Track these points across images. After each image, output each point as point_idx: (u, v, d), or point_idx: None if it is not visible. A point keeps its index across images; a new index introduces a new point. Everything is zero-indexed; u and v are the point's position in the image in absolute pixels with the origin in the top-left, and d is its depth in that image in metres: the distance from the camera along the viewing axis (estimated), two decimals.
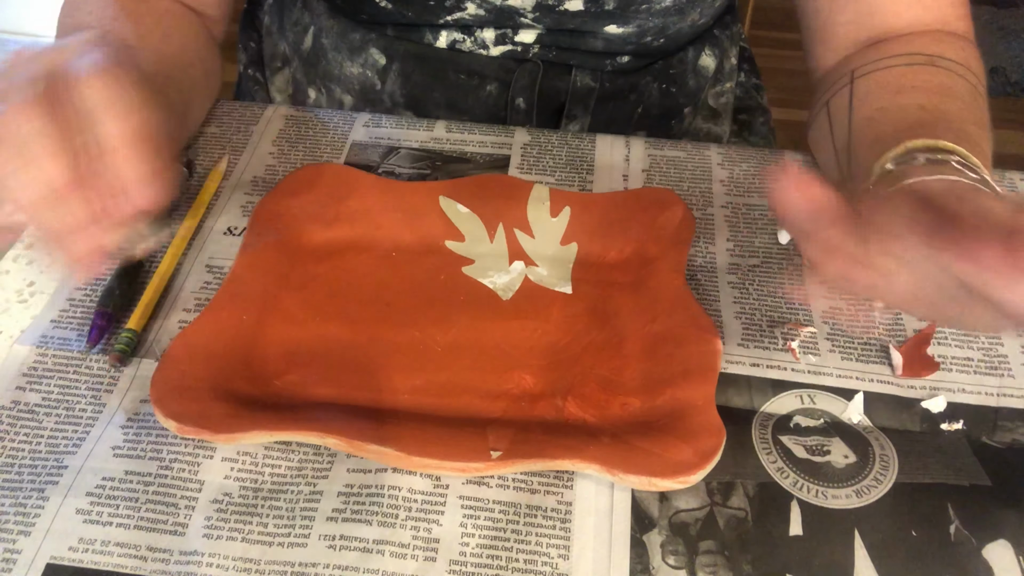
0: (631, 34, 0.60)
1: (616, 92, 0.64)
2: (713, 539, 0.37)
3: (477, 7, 0.58)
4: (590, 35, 0.60)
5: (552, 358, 0.43)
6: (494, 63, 0.62)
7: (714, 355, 0.41)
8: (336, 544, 0.36)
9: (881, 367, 0.44)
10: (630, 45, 0.61)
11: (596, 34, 0.60)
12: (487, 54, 0.61)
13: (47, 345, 0.44)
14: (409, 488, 0.38)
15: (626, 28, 0.59)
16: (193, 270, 0.48)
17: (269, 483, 0.38)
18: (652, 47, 0.62)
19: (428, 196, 0.50)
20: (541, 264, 0.49)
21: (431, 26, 0.60)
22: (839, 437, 0.41)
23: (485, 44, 0.61)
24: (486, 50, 0.61)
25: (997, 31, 2.20)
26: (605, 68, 0.63)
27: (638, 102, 0.66)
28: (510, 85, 0.62)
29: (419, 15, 0.59)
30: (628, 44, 0.61)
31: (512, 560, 0.36)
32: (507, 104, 0.63)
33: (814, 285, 0.34)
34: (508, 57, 0.62)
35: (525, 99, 0.63)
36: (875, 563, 0.36)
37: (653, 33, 0.60)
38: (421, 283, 0.47)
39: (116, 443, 0.39)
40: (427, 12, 0.59)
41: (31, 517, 0.37)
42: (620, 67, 0.63)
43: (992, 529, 0.37)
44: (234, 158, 0.55)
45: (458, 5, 0.58)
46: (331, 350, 0.43)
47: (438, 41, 0.61)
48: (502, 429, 0.39)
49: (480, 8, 0.58)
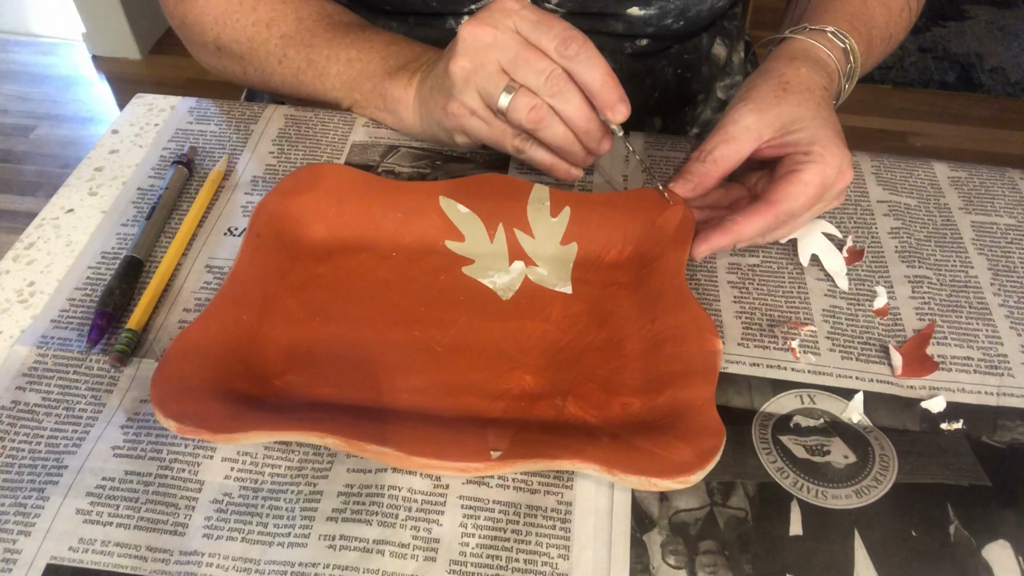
0: (652, 16, 0.61)
1: (633, 76, 0.65)
2: (713, 539, 0.37)
3: None
4: (612, 17, 0.61)
5: (552, 358, 0.43)
6: None
7: (714, 355, 0.41)
8: (336, 544, 0.36)
9: (881, 367, 0.44)
10: (650, 27, 0.62)
11: (619, 16, 0.61)
12: None
13: (47, 345, 0.44)
14: (409, 488, 0.38)
15: (648, 10, 0.60)
16: (193, 270, 0.48)
17: (269, 483, 0.38)
18: (672, 30, 0.63)
19: (428, 196, 0.50)
20: (541, 264, 0.49)
21: (455, 14, 0.60)
22: (839, 437, 0.41)
23: None
24: None
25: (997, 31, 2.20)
26: (624, 51, 0.63)
27: (654, 87, 0.66)
28: None
29: (444, 3, 0.60)
30: (649, 26, 0.62)
31: (512, 560, 0.36)
32: None
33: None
34: None
35: None
36: (875, 563, 0.36)
37: (674, 15, 0.61)
38: (421, 283, 0.47)
39: (116, 443, 0.39)
40: (454, 0, 0.59)
41: (31, 517, 0.37)
42: (638, 50, 0.64)
43: (992, 529, 0.37)
44: (234, 157, 0.55)
45: None
46: (331, 350, 0.43)
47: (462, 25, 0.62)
48: (502, 429, 0.39)
49: None
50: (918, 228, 0.52)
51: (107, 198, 0.53)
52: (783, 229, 0.48)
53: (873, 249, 0.51)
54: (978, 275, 0.49)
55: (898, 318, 0.47)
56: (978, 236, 0.52)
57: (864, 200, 0.54)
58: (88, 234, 0.50)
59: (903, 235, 0.52)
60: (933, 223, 0.53)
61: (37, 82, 2.03)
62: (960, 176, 0.56)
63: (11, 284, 0.47)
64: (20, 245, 0.50)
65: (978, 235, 0.52)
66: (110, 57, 2.09)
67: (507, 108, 0.46)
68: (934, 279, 0.49)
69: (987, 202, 0.55)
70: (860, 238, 0.51)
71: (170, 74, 2.02)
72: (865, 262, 0.50)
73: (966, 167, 0.57)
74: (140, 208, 0.52)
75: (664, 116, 0.69)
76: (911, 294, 0.48)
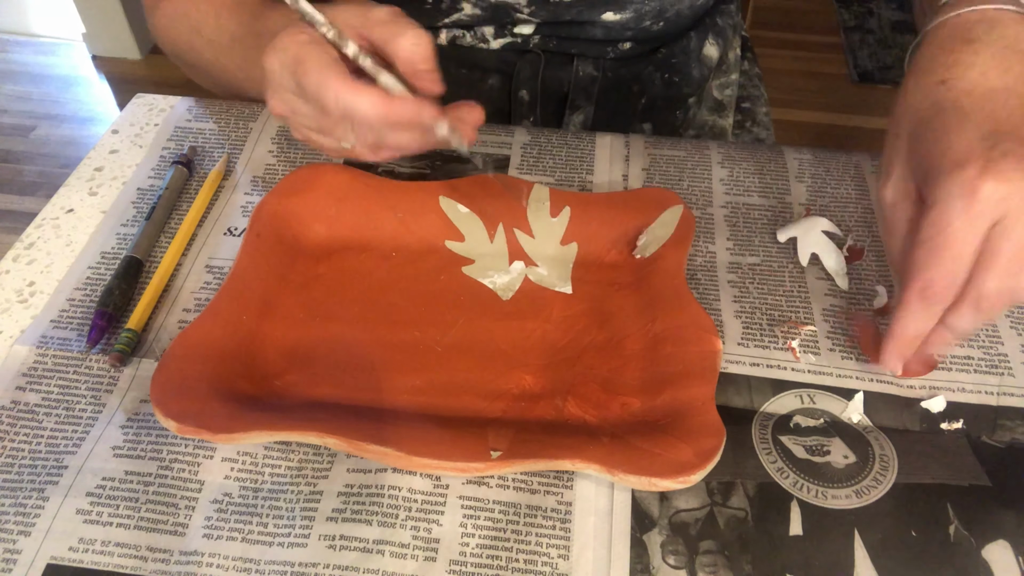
0: (629, 19, 0.60)
1: (619, 82, 0.64)
2: (713, 539, 0.37)
3: (473, 7, 0.58)
4: (588, 24, 0.60)
5: (552, 358, 0.43)
6: (495, 56, 0.62)
7: (714, 355, 0.41)
8: (336, 544, 0.36)
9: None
10: (629, 31, 0.61)
11: (595, 23, 0.60)
12: (487, 47, 0.61)
13: (47, 345, 0.44)
14: (409, 488, 0.38)
15: (623, 14, 0.59)
16: (193, 270, 0.48)
17: (269, 483, 0.38)
18: (652, 31, 0.62)
19: (428, 196, 0.50)
20: (541, 264, 0.49)
21: (431, 28, 0.60)
22: (839, 437, 0.41)
23: (485, 37, 0.61)
24: (486, 43, 0.61)
25: None
26: (607, 56, 0.62)
27: (642, 92, 0.65)
28: (512, 77, 0.62)
29: (416, 19, 0.59)
30: (627, 30, 0.61)
31: (512, 560, 0.36)
32: (510, 97, 0.63)
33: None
34: (509, 49, 0.62)
35: (528, 91, 0.63)
36: (875, 563, 0.36)
37: (651, 17, 0.60)
38: (421, 283, 0.47)
39: (116, 443, 0.39)
40: (424, 16, 0.59)
41: (31, 517, 0.37)
42: (622, 54, 0.63)
43: (992, 529, 0.37)
44: (233, 157, 0.55)
45: (454, 7, 0.58)
46: (331, 350, 0.43)
47: (438, 39, 0.61)
48: (502, 429, 0.39)
49: (476, 8, 0.58)
50: None
51: (107, 198, 0.53)
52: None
53: (874, 248, 0.51)
54: None
55: None
56: None
57: (865, 198, 0.54)
58: (88, 234, 0.50)
59: None
60: None
61: (37, 82, 2.03)
62: None
63: (11, 284, 0.47)
64: (20, 245, 0.50)
65: None
66: (110, 57, 2.09)
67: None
68: None
69: None
70: (860, 237, 0.51)
71: (170, 74, 2.01)
72: (865, 261, 0.50)
73: None
74: (140, 208, 0.52)
75: (654, 121, 0.68)
76: None
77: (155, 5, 0.57)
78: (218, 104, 0.60)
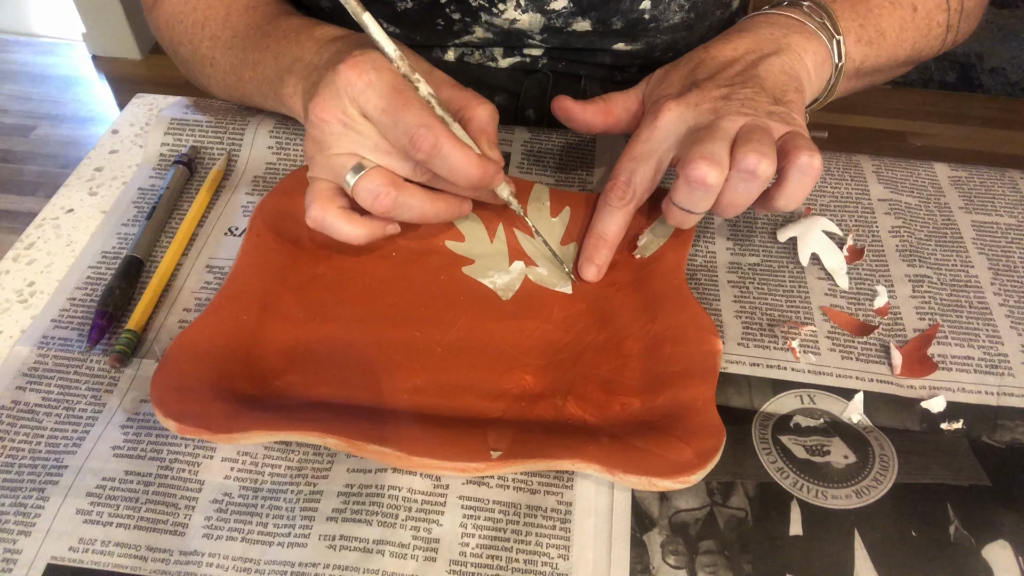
0: (640, 50, 0.60)
1: None
2: (713, 539, 0.37)
3: (485, 31, 0.58)
4: (599, 52, 0.60)
5: (552, 358, 0.43)
6: (503, 74, 0.62)
7: (714, 355, 0.41)
8: (336, 544, 0.36)
9: (881, 367, 0.44)
10: (639, 60, 0.61)
11: (605, 51, 0.60)
12: (496, 66, 0.61)
13: (47, 345, 0.44)
14: (409, 488, 0.38)
15: (635, 45, 0.59)
16: (193, 270, 0.48)
17: (269, 483, 0.38)
18: (662, 61, 0.62)
19: None
20: (541, 264, 0.49)
21: (441, 47, 0.60)
22: (839, 437, 0.41)
23: (493, 56, 0.61)
24: (494, 62, 0.61)
25: (997, 31, 2.19)
26: (615, 79, 0.62)
27: None
28: (519, 96, 0.62)
29: (427, 39, 0.59)
30: (637, 59, 0.61)
31: (512, 560, 0.36)
32: (516, 115, 0.63)
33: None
34: (517, 68, 0.61)
35: (535, 110, 0.63)
36: (875, 563, 0.36)
37: (662, 49, 0.60)
38: (421, 283, 0.47)
39: (116, 443, 0.39)
40: (435, 36, 0.59)
41: (31, 517, 0.37)
42: (630, 77, 0.63)
43: (992, 529, 0.37)
44: (233, 156, 0.55)
45: (466, 29, 0.58)
46: (331, 350, 0.43)
47: (446, 55, 0.61)
48: (502, 429, 0.39)
49: (488, 31, 0.58)
50: (919, 227, 0.52)
51: (107, 198, 0.53)
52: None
53: (874, 248, 0.51)
54: (978, 275, 0.49)
55: (898, 317, 0.47)
56: (978, 236, 0.52)
57: (865, 198, 0.54)
58: (88, 234, 0.50)
59: (904, 234, 0.52)
60: (934, 222, 0.53)
61: (37, 82, 2.03)
62: (960, 176, 0.56)
63: (11, 284, 0.47)
64: (20, 245, 0.50)
65: (978, 235, 0.52)
66: (110, 57, 2.09)
67: (352, 189, 0.42)
68: (935, 278, 0.49)
69: (987, 202, 0.55)
70: (860, 237, 0.51)
71: (170, 74, 2.02)
72: (866, 261, 0.50)
73: (966, 167, 0.57)
74: (140, 208, 0.52)
75: None
76: (911, 293, 0.48)
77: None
78: (219, 103, 0.60)
